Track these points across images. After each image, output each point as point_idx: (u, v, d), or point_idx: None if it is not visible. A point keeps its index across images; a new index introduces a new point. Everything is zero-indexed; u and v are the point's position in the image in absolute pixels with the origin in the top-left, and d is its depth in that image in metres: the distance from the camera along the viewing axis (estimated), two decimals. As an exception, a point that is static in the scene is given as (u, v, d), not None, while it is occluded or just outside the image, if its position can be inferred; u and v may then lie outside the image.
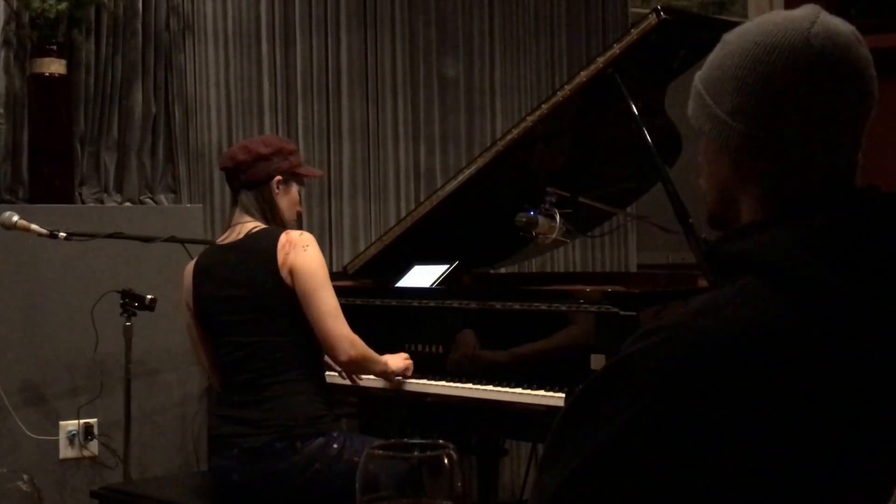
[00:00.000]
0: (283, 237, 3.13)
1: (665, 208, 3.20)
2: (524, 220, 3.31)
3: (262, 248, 3.13)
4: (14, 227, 3.59)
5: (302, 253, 3.10)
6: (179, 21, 4.40)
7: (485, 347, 3.32)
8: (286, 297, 3.10)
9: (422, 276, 3.71)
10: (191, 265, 3.31)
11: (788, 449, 1.21)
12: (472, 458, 3.70)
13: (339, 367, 3.29)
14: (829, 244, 1.25)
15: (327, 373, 3.32)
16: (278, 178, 3.21)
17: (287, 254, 3.10)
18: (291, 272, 3.09)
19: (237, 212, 3.25)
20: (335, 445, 3.05)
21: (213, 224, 4.45)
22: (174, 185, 4.40)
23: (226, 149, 4.49)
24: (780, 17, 1.34)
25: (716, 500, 1.21)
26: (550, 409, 2.98)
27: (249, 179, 3.21)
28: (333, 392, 3.36)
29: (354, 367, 3.26)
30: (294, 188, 3.28)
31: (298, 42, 4.69)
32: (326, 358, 3.27)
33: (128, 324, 3.68)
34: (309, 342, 3.16)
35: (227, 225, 3.31)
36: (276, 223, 3.22)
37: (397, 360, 3.37)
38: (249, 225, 3.20)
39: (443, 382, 3.34)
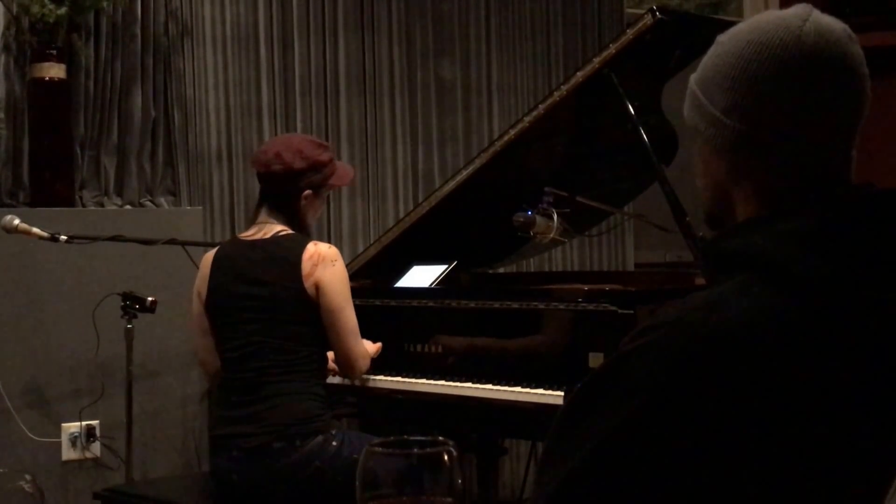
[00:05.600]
0: (311, 247, 3.16)
1: (662, 207, 3.22)
2: (522, 219, 3.32)
3: (287, 254, 3.15)
4: (15, 230, 3.61)
5: (330, 268, 3.14)
6: (178, 25, 4.41)
7: (483, 347, 3.33)
8: (305, 306, 3.13)
9: (420, 276, 3.72)
10: (211, 253, 3.32)
11: (787, 443, 1.22)
12: (472, 457, 3.71)
13: (349, 378, 3.35)
14: (824, 240, 1.26)
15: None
16: (308, 192, 3.23)
17: (315, 265, 3.12)
18: (318, 286, 3.12)
19: (264, 212, 3.27)
20: (334, 443, 3.07)
21: (212, 226, 4.46)
22: (174, 188, 4.41)
23: (224, 150, 4.52)
24: (772, 16, 1.35)
25: (715, 495, 1.22)
26: (549, 408, 2.99)
27: (279, 193, 3.23)
28: (333, 392, 3.39)
29: (361, 378, 3.34)
30: (322, 196, 3.32)
31: (296, 45, 4.70)
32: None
33: (129, 326, 3.70)
34: (316, 351, 3.19)
35: (253, 220, 3.32)
36: (301, 231, 3.25)
37: (373, 350, 3.42)
38: (277, 227, 3.22)
39: (442, 381, 3.35)
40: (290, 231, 3.22)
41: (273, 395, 3.11)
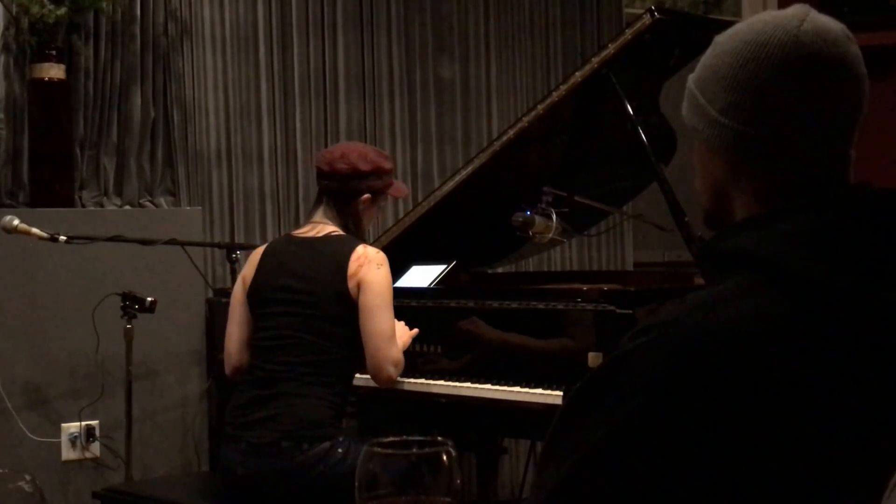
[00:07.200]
0: (360, 248, 3.18)
1: (661, 207, 3.22)
2: (521, 219, 3.33)
3: (335, 253, 3.18)
4: (15, 230, 3.61)
5: (375, 269, 3.15)
6: (177, 26, 4.41)
7: (483, 346, 3.33)
8: (345, 305, 3.14)
9: (420, 276, 3.72)
10: (263, 246, 3.36)
11: (785, 442, 1.22)
12: (472, 457, 3.71)
13: (377, 383, 3.26)
14: (822, 240, 1.26)
15: None
16: (367, 196, 3.26)
17: (361, 266, 3.14)
18: (360, 285, 3.13)
19: (320, 212, 3.30)
20: (340, 450, 3.08)
21: (212, 226, 4.47)
22: (173, 188, 4.41)
23: (224, 151, 4.52)
24: (770, 16, 1.35)
25: (713, 496, 1.22)
26: (549, 407, 2.99)
27: (340, 192, 3.26)
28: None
29: (391, 384, 3.27)
30: (378, 204, 3.35)
31: (295, 45, 4.71)
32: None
33: (128, 326, 3.70)
34: (347, 356, 3.19)
35: (307, 219, 3.36)
36: (356, 235, 3.27)
37: (405, 340, 3.37)
38: (330, 228, 3.26)
39: (441, 381, 3.35)
40: (343, 233, 3.25)
41: (291, 393, 3.11)
